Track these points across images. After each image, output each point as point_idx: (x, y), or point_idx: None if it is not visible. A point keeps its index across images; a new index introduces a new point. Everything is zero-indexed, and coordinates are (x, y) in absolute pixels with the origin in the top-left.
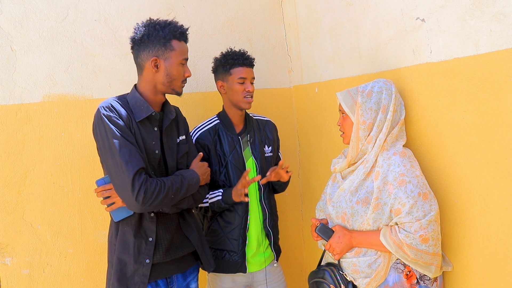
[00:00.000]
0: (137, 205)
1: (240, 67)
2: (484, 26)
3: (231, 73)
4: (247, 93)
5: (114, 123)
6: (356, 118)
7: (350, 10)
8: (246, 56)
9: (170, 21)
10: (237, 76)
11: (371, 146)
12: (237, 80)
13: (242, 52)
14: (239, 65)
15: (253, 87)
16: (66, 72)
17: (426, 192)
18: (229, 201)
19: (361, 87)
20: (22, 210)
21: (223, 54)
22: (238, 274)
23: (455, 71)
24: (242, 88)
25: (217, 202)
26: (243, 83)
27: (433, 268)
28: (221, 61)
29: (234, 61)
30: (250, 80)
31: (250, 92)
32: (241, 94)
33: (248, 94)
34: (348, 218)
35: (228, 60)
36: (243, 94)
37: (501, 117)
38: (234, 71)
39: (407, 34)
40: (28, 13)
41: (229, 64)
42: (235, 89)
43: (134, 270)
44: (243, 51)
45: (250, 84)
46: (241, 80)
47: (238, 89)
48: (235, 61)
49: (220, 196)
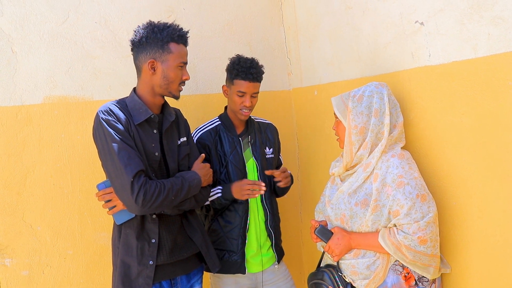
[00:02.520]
0: (137, 207)
1: (242, 80)
2: (482, 30)
3: (234, 83)
4: (243, 106)
5: (112, 127)
6: (347, 122)
7: (350, 14)
8: (252, 71)
9: (170, 24)
10: (236, 88)
11: (367, 151)
12: (236, 92)
13: (250, 65)
14: (241, 78)
15: (254, 100)
16: (66, 74)
17: (424, 194)
18: (228, 197)
19: (353, 91)
20: (22, 211)
21: (233, 59)
22: (240, 276)
23: (454, 75)
24: (240, 101)
25: (217, 199)
26: (242, 96)
27: (431, 270)
28: (229, 67)
29: (238, 72)
30: (251, 94)
31: (247, 107)
32: (238, 106)
33: (244, 107)
34: (347, 220)
35: (234, 69)
36: (240, 106)
37: (499, 120)
38: (236, 82)
39: (406, 38)
40: (29, 15)
41: (233, 74)
42: (234, 99)
43: (138, 272)
44: (252, 63)
45: (249, 98)
46: (240, 94)
47: (236, 101)
48: (239, 73)
49: (219, 193)
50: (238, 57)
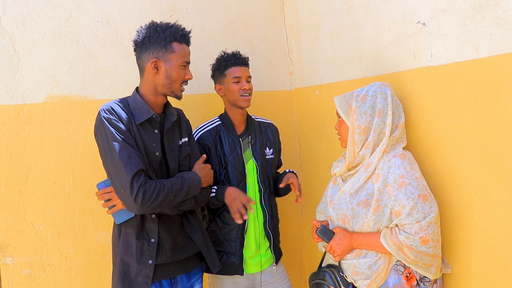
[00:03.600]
0: (136, 206)
1: (233, 66)
2: (484, 31)
3: (226, 74)
4: (243, 91)
5: (114, 126)
6: (351, 122)
7: (351, 14)
8: (239, 56)
9: (172, 24)
10: (231, 76)
11: (369, 151)
12: (232, 80)
13: (234, 53)
14: (232, 65)
15: (250, 85)
16: (68, 73)
17: (426, 194)
18: (221, 199)
19: (356, 91)
20: (24, 210)
21: (217, 58)
22: (238, 276)
23: (456, 75)
24: (238, 87)
25: (210, 199)
26: (238, 82)
27: (433, 270)
28: (215, 65)
29: (227, 62)
30: (246, 79)
31: (247, 90)
32: (238, 93)
33: (244, 92)
34: (348, 220)
35: (222, 62)
36: (240, 92)
37: (501, 120)
38: (228, 71)
39: (408, 38)
40: (31, 14)
41: (223, 66)
42: (231, 89)
43: (137, 271)
44: (235, 52)
45: (246, 83)
46: (236, 80)
47: (234, 89)
48: (228, 62)
49: (213, 193)
50: (220, 54)
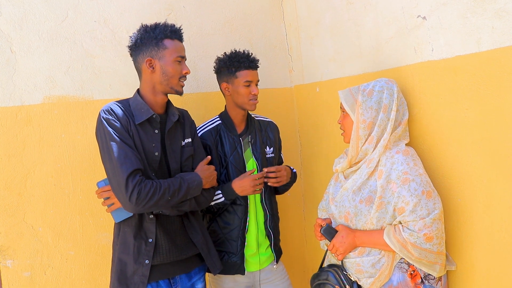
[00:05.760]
0: (131, 205)
1: (246, 70)
2: (486, 23)
3: (237, 76)
4: (253, 96)
5: (112, 126)
6: (356, 116)
7: (351, 9)
8: (252, 59)
9: (161, 23)
10: (243, 79)
11: (372, 146)
12: (243, 83)
13: (247, 54)
14: (245, 68)
15: (258, 89)
16: (66, 73)
17: (429, 190)
18: (232, 197)
19: (363, 86)
20: (23, 212)
21: (228, 55)
22: (239, 275)
23: (457, 69)
24: (248, 91)
25: (221, 203)
26: (249, 85)
27: (437, 267)
28: (226, 63)
29: (240, 63)
30: (256, 83)
31: (256, 95)
32: (247, 97)
33: (254, 97)
34: (351, 217)
35: (234, 62)
36: (249, 97)
37: (504, 114)
38: (240, 74)
39: (408, 32)
40: (27, 14)
41: (234, 67)
42: (241, 92)
43: (134, 271)
44: (248, 53)
45: (256, 87)
46: (247, 83)
47: (244, 92)
48: (241, 64)
49: (221, 197)
50: (231, 52)
